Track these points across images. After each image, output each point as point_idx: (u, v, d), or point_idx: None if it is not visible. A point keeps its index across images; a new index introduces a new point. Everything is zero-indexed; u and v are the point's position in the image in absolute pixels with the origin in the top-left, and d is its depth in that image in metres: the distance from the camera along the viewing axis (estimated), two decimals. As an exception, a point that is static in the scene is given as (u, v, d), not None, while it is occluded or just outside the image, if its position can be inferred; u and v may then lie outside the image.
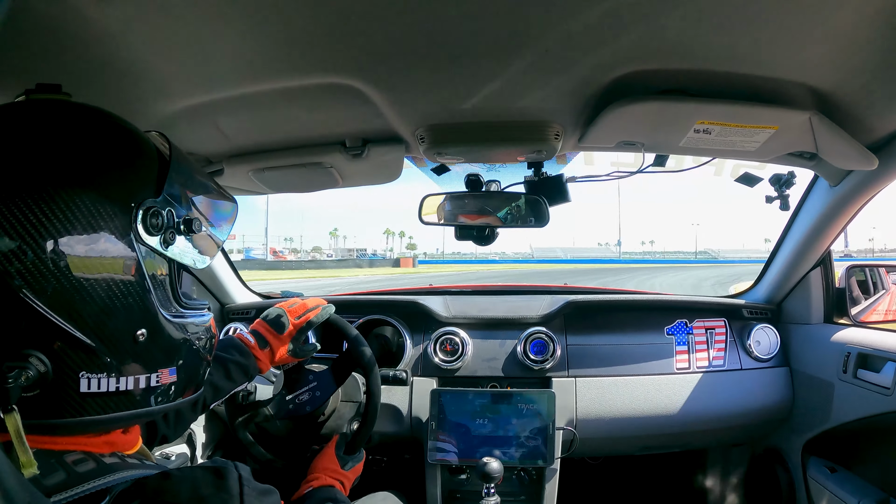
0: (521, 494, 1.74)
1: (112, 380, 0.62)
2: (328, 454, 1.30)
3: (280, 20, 0.86)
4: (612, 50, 0.97)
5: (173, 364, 0.69)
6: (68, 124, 0.63)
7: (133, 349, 0.64)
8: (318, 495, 1.16)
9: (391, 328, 1.90)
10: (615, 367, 1.82)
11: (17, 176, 0.57)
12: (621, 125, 1.22)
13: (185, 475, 0.59)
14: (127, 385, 0.63)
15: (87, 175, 0.61)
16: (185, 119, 1.24)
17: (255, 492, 0.62)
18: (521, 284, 2.72)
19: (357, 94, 1.13)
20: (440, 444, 1.68)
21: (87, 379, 0.60)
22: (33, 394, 0.57)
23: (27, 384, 0.56)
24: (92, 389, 0.61)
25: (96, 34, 0.88)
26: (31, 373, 0.56)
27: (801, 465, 1.79)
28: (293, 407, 1.39)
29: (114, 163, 0.64)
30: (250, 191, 1.74)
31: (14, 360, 0.56)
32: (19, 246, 0.55)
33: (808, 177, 1.64)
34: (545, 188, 1.51)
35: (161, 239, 0.66)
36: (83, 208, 0.59)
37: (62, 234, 0.58)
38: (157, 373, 0.67)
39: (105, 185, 0.62)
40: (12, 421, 0.55)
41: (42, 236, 0.57)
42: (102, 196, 0.61)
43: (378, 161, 1.48)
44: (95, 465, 0.60)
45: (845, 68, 1.00)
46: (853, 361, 1.57)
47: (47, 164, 0.59)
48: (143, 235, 0.64)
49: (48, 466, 0.57)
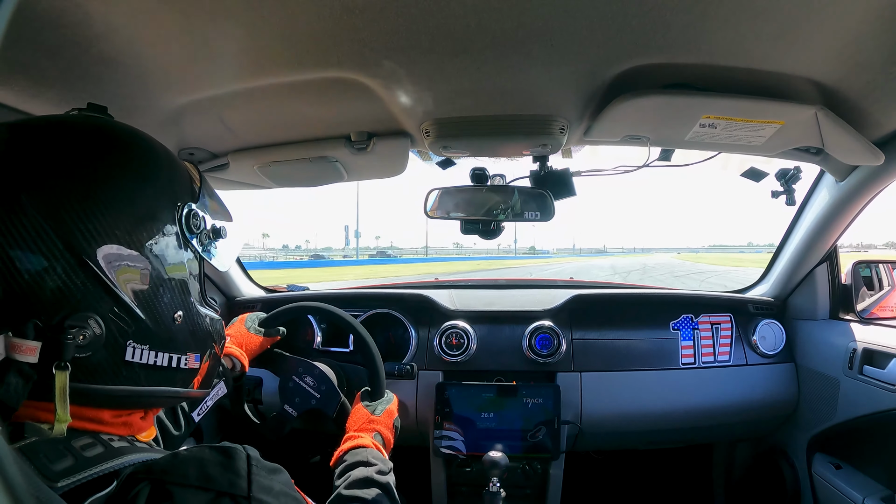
0: (527, 488, 1.74)
1: (151, 353, 0.70)
2: (356, 410, 1.30)
3: (284, 15, 0.87)
4: (618, 44, 0.97)
5: (198, 351, 0.78)
6: (127, 140, 0.73)
7: (171, 328, 0.72)
8: (349, 459, 1.14)
9: (396, 322, 1.91)
10: (620, 362, 1.83)
11: (98, 177, 0.66)
12: (627, 119, 1.22)
13: (192, 455, 0.60)
14: (162, 361, 0.71)
15: (146, 178, 0.71)
16: (190, 114, 1.25)
17: (264, 470, 0.63)
18: (526, 279, 2.72)
19: (362, 88, 1.13)
20: (445, 438, 1.69)
21: (132, 347, 0.67)
22: (84, 355, 0.63)
23: (83, 343, 0.62)
24: (135, 359, 0.68)
25: (100, 30, 0.89)
26: (88, 333, 0.62)
27: (806, 462, 1.79)
28: (299, 400, 1.40)
29: (165, 171, 0.74)
30: (256, 185, 1.75)
31: (75, 320, 0.62)
32: (96, 227, 0.64)
33: (814, 172, 1.63)
34: (550, 182, 1.51)
35: (198, 239, 0.77)
36: (145, 204, 0.70)
37: (128, 221, 0.67)
38: (186, 355, 0.75)
39: (161, 188, 0.73)
40: (62, 377, 0.60)
41: (115, 219, 0.65)
42: (159, 194, 0.72)
43: (383, 155, 1.49)
44: (103, 450, 0.62)
45: (851, 63, 0.99)
46: (859, 358, 1.56)
47: (114, 168, 0.69)
48: (185, 232, 0.74)
49: (56, 452, 0.59)
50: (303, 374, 1.42)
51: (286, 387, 1.43)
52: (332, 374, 1.44)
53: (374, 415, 1.28)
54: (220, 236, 0.82)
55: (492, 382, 1.76)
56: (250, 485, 0.59)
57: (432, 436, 1.70)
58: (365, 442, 1.19)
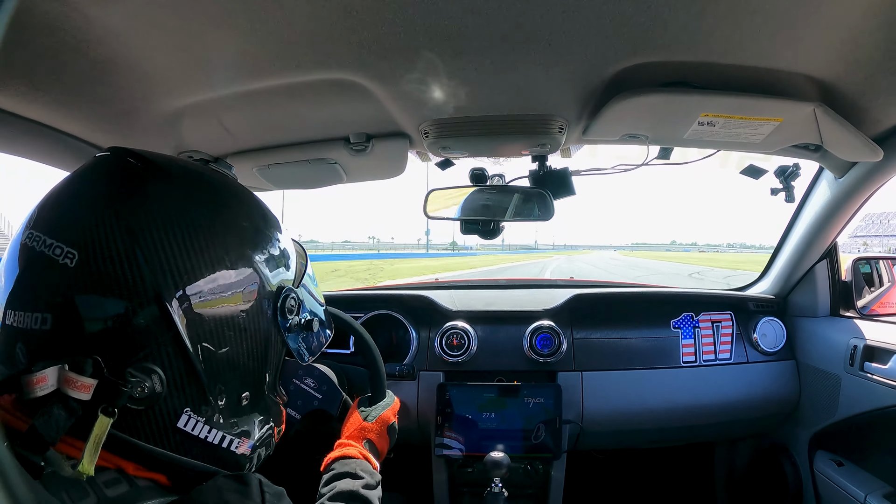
0: (528, 487, 1.74)
1: (206, 427, 0.66)
2: (350, 416, 1.29)
3: (282, 17, 0.87)
4: (615, 43, 0.97)
5: (252, 439, 0.73)
6: (250, 206, 0.73)
7: (234, 408, 0.68)
8: (337, 468, 1.11)
9: (397, 323, 1.91)
10: (621, 361, 1.82)
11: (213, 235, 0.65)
12: (625, 118, 1.22)
13: (209, 485, 0.60)
14: (213, 438, 0.67)
15: (260, 248, 0.70)
16: (189, 117, 1.24)
17: (274, 496, 0.63)
18: (526, 279, 2.72)
19: (360, 89, 1.13)
20: (447, 438, 1.69)
21: (188, 416, 0.64)
22: (136, 408, 0.59)
23: (139, 396, 0.58)
24: (187, 428, 0.64)
25: (98, 33, 0.89)
26: (147, 386, 0.59)
27: (807, 459, 1.79)
28: (302, 402, 1.40)
29: (279, 247, 0.73)
30: (255, 187, 1.75)
31: (138, 370, 0.58)
32: (191, 284, 0.61)
33: (813, 168, 1.63)
34: (550, 182, 1.51)
35: (288, 325, 0.74)
36: (248, 276, 0.67)
37: (226, 287, 0.65)
38: (239, 440, 0.70)
39: (269, 263, 0.70)
40: (104, 423, 0.56)
41: (211, 280, 0.63)
42: (265, 269, 0.70)
43: (382, 156, 1.49)
44: (128, 489, 0.59)
45: (849, 59, 0.99)
46: (860, 354, 1.56)
47: (230, 231, 0.67)
48: (279, 316, 0.72)
49: (78, 489, 0.55)
50: (303, 377, 1.41)
51: (287, 390, 1.42)
52: (333, 374, 1.44)
53: (367, 422, 1.26)
54: (311, 329, 0.80)
55: (493, 383, 1.75)
56: None
57: (434, 436, 1.70)
58: (353, 452, 1.16)
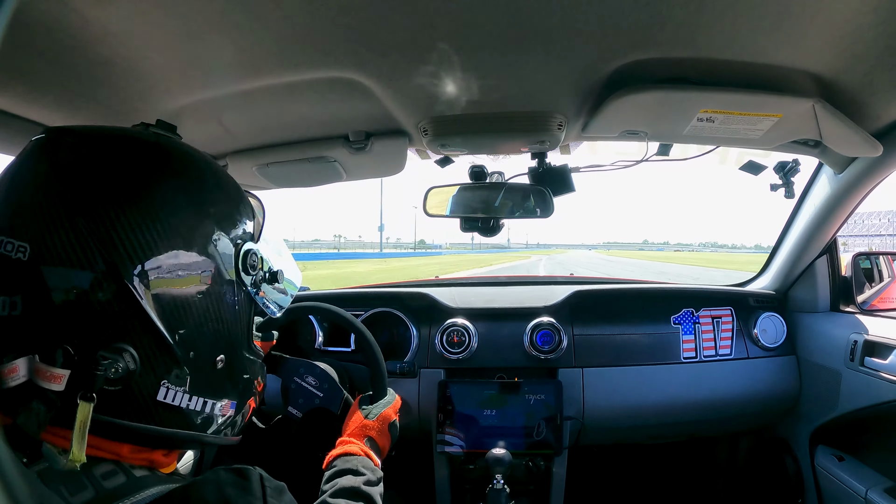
0: (530, 484, 1.74)
1: (185, 396, 0.66)
2: (351, 414, 1.29)
3: (280, 15, 0.87)
4: (615, 39, 0.97)
5: (235, 399, 0.73)
6: (196, 168, 0.70)
7: (210, 372, 0.68)
8: (338, 465, 1.11)
9: (398, 320, 1.91)
10: (622, 357, 1.82)
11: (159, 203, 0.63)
12: (624, 114, 1.22)
13: (208, 479, 0.60)
14: (196, 405, 0.67)
15: (208, 211, 0.68)
16: (188, 116, 1.24)
17: (276, 491, 0.63)
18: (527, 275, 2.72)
19: (359, 87, 1.13)
20: (448, 435, 1.69)
21: (166, 388, 0.64)
22: (113, 389, 0.59)
23: (114, 377, 0.58)
24: (167, 400, 0.64)
25: (97, 34, 0.89)
26: (121, 366, 0.58)
27: (808, 454, 1.79)
28: (303, 401, 1.40)
29: (230, 205, 0.71)
30: (255, 186, 1.75)
31: (109, 352, 0.58)
32: (147, 255, 0.60)
33: (812, 164, 1.63)
34: (549, 179, 1.51)
35: (252, 281, 0.72)
36: (202, 237, 0.66)
37: (182, 253, 0.63)
38: (221, 402, 0.70)
39: (221, 222, 0.69)
40: (85, 409, 0.56)
41: (167, 248, 0.62)
42: (219, 229, 0.68)
43: (382, 154, 1.49)
44: (125, 480, 0.60)
45: (848, 55, 0.99)
46: (860, 349, 1.56)
47: (178, 196, 0.65)
48: (241, 272, 0.70)
49: (75, 482, 0.56)
50: (304, 375, 1.42)
51: (289, 389, 1.42)
52: (334, 372, 1.44)
53: (368, 419, 1.26)
54: (276, 281, 0.78)
55: (494, 379, 1.76)
56: None
57: (435, 434, 1.70)
58: (355, 449, 1.17)
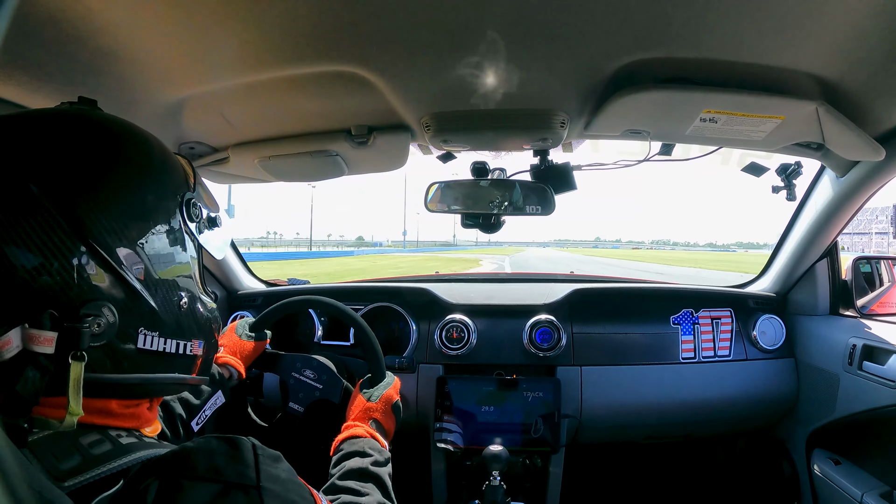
0: (527, 481, 1.75)
1: (161, 340, 0.71)
2: (353, 399, 1.30)
3: (284, 9, 0.87)
4: (619, 38, 0.97)
5: (202, 337, 0.79)
6: (124, 133, 0.74)
7: (177, 314, 0.74)
8: (345, 448, 1.13)
9: (397, 315, 1.92)
10: (621, 356, 1.83)
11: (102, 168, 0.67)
12: (627, 113, 1.22)
13: (199, 447, 0.60)
14: (170, 347, 0.73)
15: (148, 170, 0.73)
16: (190, 108, 1.25)
17: (269, 459, 0.64)
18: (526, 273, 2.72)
19: (362, 81, 1.13)
20: (446, 431, 1.70)
21: (143, 335, 0.69)
22: (98, 345, 0.63)
23: (99, 332, 0.63)
24: (146, 346, 0.69)
25: (100, 24, 0.89)
26: (102, 321, 0.63)
27: (805, 457, 1.80)
28: (303, 395, 1.41)
29: (163, 163, 0.76)
30: (256, 179, 1.76)
31: (90, 309, 0.63)
32: (105, 217, 0.65)
33: (815, 167, 1.63)
34: (551, 176, 1.51)
35: (197, 227, 0.79)
36: (149, 194, 0.71)
37: (134, 211, 0.69)
38: (191, 342, 0.77)
39: (161, 179, 0.74)
40: (78, 367, 0.61)
41: (121, 210, 0.67)
42: (161, 185, 0.73)
43: (384, 149, 1.49)
44: (111, 447, 0.62)
45: (852, 58, 0.99)
46: (859, 353, 1.56)
47: (116, 160, 0.70)
48: (187, 221, 0.77)
49: (64, 450, 0.59)
50: (302, 369, 1.42)
51: (288, 384, 1.43)
52: (331, 363, 1.44)
53: (371, 402, 1.27)
54: (216, 225, 0.84)
55: (492, 376, 1.76)
56: (258, 474, 0.60)
57: (433, 429, 1.71)
58: (360, 432, 1.18)
